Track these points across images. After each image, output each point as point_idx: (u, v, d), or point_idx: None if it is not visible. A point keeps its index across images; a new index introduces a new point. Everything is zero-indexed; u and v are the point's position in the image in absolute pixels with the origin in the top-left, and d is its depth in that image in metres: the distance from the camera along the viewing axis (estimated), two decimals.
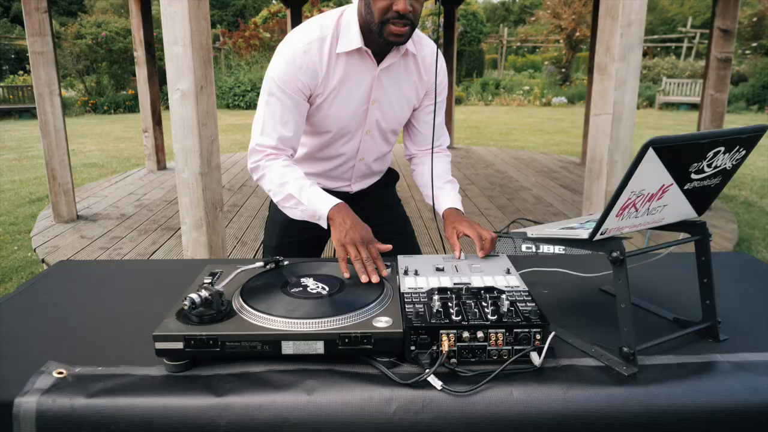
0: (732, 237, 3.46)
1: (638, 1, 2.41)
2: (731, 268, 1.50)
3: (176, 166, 2.46)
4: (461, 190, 4.81)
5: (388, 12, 1.27)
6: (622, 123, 2.49)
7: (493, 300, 1.05)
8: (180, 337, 0.96)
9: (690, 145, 0.92)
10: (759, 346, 1.06)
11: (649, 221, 1.04)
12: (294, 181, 1.35)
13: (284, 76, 1.35)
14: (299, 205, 1.35)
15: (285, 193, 1.36)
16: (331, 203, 1.31)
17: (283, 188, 1.36)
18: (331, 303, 1.06)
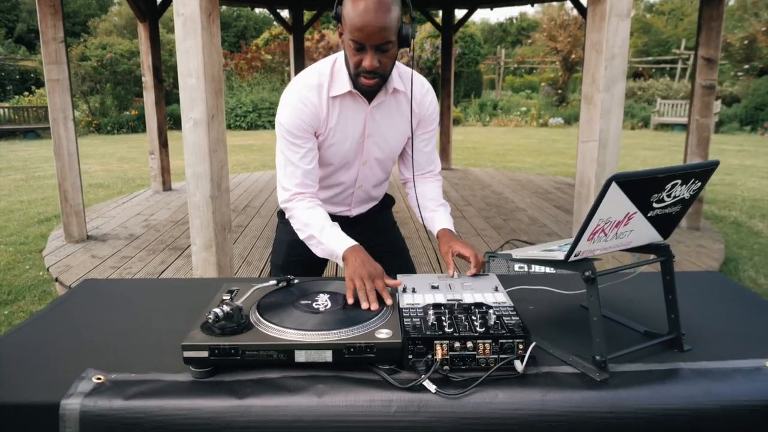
0: (718, 257, 3.60)
1: (621, 37, 2.58)
2: (703, 286, 1.64)
3: (188, 190, 2.61)
4: (457, 210, 4.96)
5: (359, 67, 1.42)
6: (608, 149, 2.65)
7: (481, 314, 1.18)
8: (205, 347, 1.09)
9: (649, 179, 1.07)
10: (719, 355, 1.19)
11: (618, 244, 1.18)
12: (315, 223, 1.51)
13: (291, 120, 1.52)
14: (320, 244, 1.51)
15: (308, 233, 1.53)
16: (346, 245, 1.45)
17: (307, 228, 1.53)
18: (338, 317, 1.20)
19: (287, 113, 1.52)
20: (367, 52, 1.39)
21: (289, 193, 1.57)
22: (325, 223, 1.52)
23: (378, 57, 1.40)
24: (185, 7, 2.45)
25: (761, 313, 1.43)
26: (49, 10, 3.83)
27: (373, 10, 1.34)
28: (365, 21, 1.34)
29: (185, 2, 2.44)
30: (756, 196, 6.48)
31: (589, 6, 2.65)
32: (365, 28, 1.35)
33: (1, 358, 1.20)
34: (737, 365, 1.15)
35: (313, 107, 1.52)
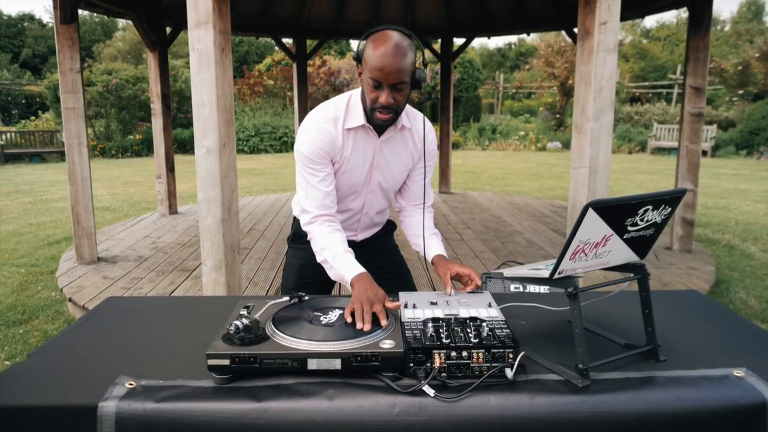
0: (709, 278, 3.72)
1: (608, 70, 2.74)
2: (684, 303, 1.77)
3: (200, 214, 2.74)
4: (456, 233, 5.10)
5: (376, 102, 1.59)
6: (598, 175, 2.79)
7: (475, 327, 1.31)
8: (227, 355, 1.21)
9: (622, 205, 1.20)
10: (691, 364, 1.31)
11: (598, 263, 1.31)
12: (330, 248, 1.66)
13: (310, 148, 1.67)
14: (332, 268, 1.66)
15: (323, 257, 1.68)
16: (355, 272, 1.59)
17: (323, 252, 1.68)
18: (346, 329, 1.32)
19: (307, 142, 1.68)
20: (384, 89, 1.56)
21: (311, 215, 1.71)
22: (339, 249, 1.65)
23: (393, 94, 1.58)
24: (200, 42, 2.61)
25: (733, 327, 1.56)
26: (67, 42, 4.02)
27: (392, 54, 1.52)
28: (384, 63, 1.52)
29: (200, 38, 2.61)
30: (749, 219, 6.61)
31: (578, 41, 2.82)
32: (384, 68, 1.52)
33: (41, 366, 1.32)
34: (707, 374, 1.27)
35: (330, 137, 1.68)
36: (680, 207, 4.30)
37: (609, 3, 2.70)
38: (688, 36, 4.25)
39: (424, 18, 7.26)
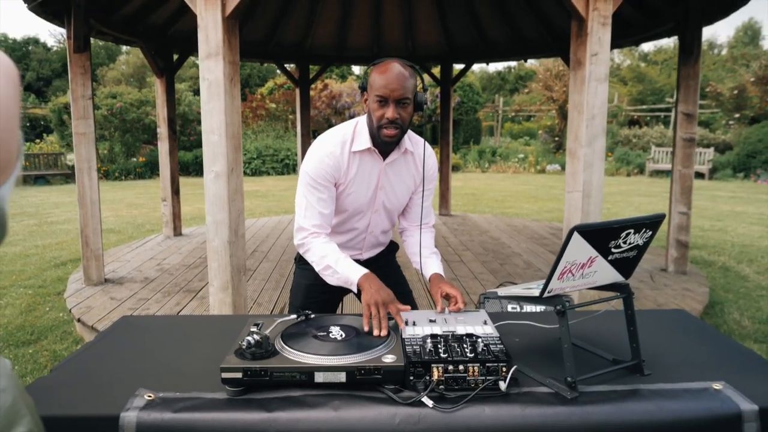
0: (702, 300, 3.80)
1: (599, 99, 2.87)
2: (670, 321, 1.86)
3: (207, 236, 2.85)
4: (456, 255, 5.19)
5: (383, 119, 1.72)
6: (592, 199, 2.90)
7: (471, 343, 1.40)
8: (239, 369, 1.30)
9: (606, 229, 1.31)
10: (673, 378, 1.40)
11: (585, 283, 1.41)
12: (331, 255, 1.75)
13: (316, 170, 1.78)
14: (335, 273, 1.74)
15: (324, 264, 1.76)
16: (361, 272, 1.69)
17: (323, 260, 1.76)
18: (350, 345, 1.42)
19: (313, 164, 1.79)
20: (389, 105, 1.70)
21: (307, 232, 1.81)
22: (340, 255, 1.76)
23: (398, 110, 1.71)
24: (210, 73, 2.75)
25: (714, 344, 1.65)
26: (79, 70, 4.17)
27: (395, 74, 1.69)
28: (389, 80, 1.68)
29: (210, 69, 2.75)
30: (745, 241, 6.70)
31: (571, 71, 2.96)
32: (389, 85, 1.68)
33: (63, 380, 1.41)
34: (688, 386, 1.36)
35: (336, 160, 1.79)
36: (674, 229, 4.40)
37: (599, 35, 2.84)
38: (679, 64, 4.40)
39: (425, 45, 7.45)
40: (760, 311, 4.09)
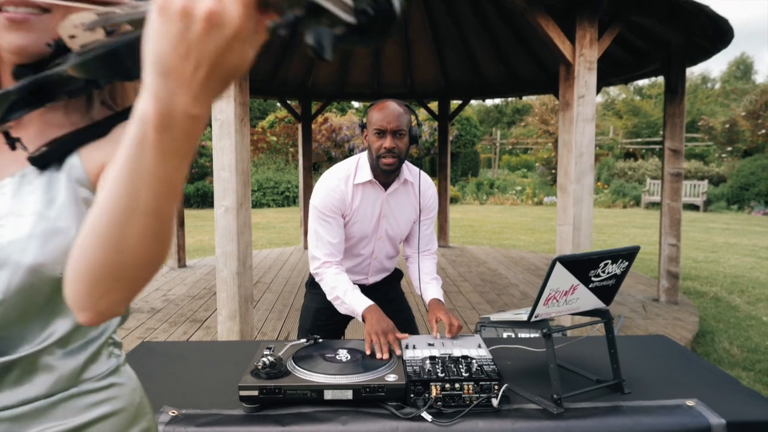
0: (692, 329, 3.92)
1: (587, 138, 3.06)
2: (652, 345, 2.00)
3: (217, 267, 2.99)
4: (454, 286, 5.32)
5: (381, 149, 1.90)
6: (581, 231, 3.06)
7: (466, 363, 1.54)
8: (256, 387, 1.44)
9: (585, 259, 1.46)
10: (651, 396, 1.54)
11: (569, 308, 1.56)
12: (341, 286, 1.91)
13: (323, 203, 1.95)
14: (344, 303, 1.90)
15: (334, 294, 1.92)
16: (365, 305, 1.84)
17: (334, 291, 1.92)
18: (356, 365, 1.55)
19: (320, 198, 1.97)
20: (387, 136, 1.89)
21: (320, 262, 1.97)
22: (348, 286, 1.91)
23: (395, 141, 1.90)
24: (222, 113, 2.94)
25: (689, 365, 1.78)
26: None
27: (391, 110, 1.90)
28: (385, 114, 1.89)
29: (222, 109, 2.94)
30: (737, 272, 6.84)
31: (560, 112, 3.16)
32: (386, 117, 1.88)
33: None
34: (663, 403, 1.49)
35: (341, 193, 1.96)
36: (665, 261, 4.55)
37: (586, 79, 3.04)
38: (665, 102, 4.62)
39: (423, 82, 7.72)
40: (749, 340, 4.21)
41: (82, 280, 0.56)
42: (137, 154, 0.48)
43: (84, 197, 0.71)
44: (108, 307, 0.58)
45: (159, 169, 0.48)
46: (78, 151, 0.72)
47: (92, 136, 0.73)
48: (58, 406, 0.72)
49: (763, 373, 3.60)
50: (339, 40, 0.39)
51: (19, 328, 0.69)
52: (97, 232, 0.53)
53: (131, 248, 0.53)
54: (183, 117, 0.44)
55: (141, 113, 0.45)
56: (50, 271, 0.66)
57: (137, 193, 0.50)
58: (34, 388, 0.70)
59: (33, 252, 0.65)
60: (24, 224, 0.66)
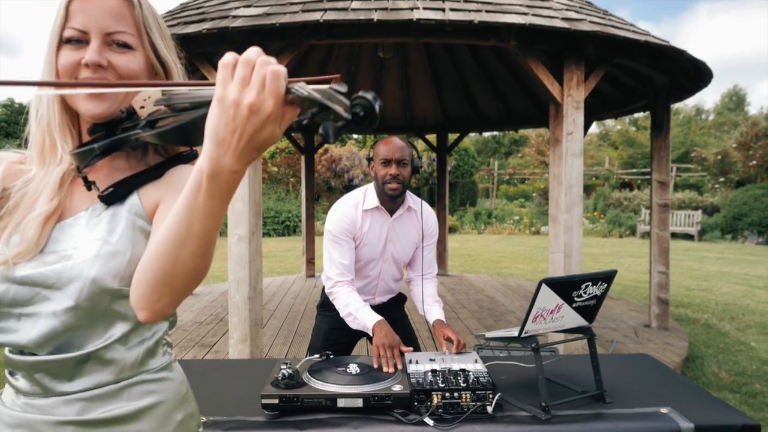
0: (681, 353, 4.08)
1: (576, 171, 3.28)
2: (635, 363, 2.18)
3: (229, 292, 3.18)
4: (453, 312, 5.48)
5: (387, 176, 2.15)
6: (572, 259, 3.26)
7: (464, 375, 1.72)
8: (276, 396, 1.62)
9: (568, 282, 1.66)
10: (630, 404, 1.71)
11: (555, 326, 1.75)
12: (353, 304, 2.10)
13: (336, 228, 2.17)
14: (356, 319, 2.09)
15: (347, 311, 2.11)
16: (375, 320, 2.03)
17: (347, 307, 2.11)
18: (366, 377, 1.73)
19: (333, 223, 2.19)
20: (392, 165, 2.14)
21: (333, 281, 2.18)
22: (360, 304, 2.11)
23: (399, 169, 2.14)
24: None
25: (667, 379, 1.96)
26: None
27: (395, 143, 2.17)
28: (390, 147, 2.16)
29: None
30: (728, 300, 7.01)
31: (551, 147, 3.39)
32: (391, 149, 2.15)
33: None
34: (640, 411, 1.67)
35: (351, 219, 2.18)
36: (655, 288, 4.74)
37: (574, 117, 3.28)
38: (651, 137, 4.86)
39: (422, 115, 8.01)
40: (737, 364, 4.37)
41: (144, 286, 0.76)
42: (194, 195, 0.67)
43: (141, 227, 0.92)
44: (161, 309, 0.77)
45: (207, 207, 0.67)
46: (137, 190, 0.93)
47: (148, 178, 0.95)
48: (123, 391, 0.92)
49: (749, 395, 3.75)
50: (340, 129, 0.60)
51: (89, 328, 0.88)
52: (160, 251, 0.73)
53: (183, 263, 0.73)
54: (227, 172, 0.63)
55: (199, 167, 0.65)
56: (109, 284, 0.86)
57: (192, 223, 0.69)
58: (104, 375, 0.90)
59: (97, 268, 0.85)
60: (92, 247, 0.87)
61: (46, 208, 0.86)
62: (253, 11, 3.12)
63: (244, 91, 0.60)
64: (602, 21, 3.41)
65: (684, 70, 3.99)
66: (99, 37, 0.87)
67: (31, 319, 0.85)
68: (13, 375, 0.89)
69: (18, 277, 0.85)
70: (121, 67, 0.89)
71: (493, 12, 3.08)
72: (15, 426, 0.87)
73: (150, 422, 0.94)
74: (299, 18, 2.93)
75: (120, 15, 0.89)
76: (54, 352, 0.86)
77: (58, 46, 0.87)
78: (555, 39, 3.21)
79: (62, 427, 0.87)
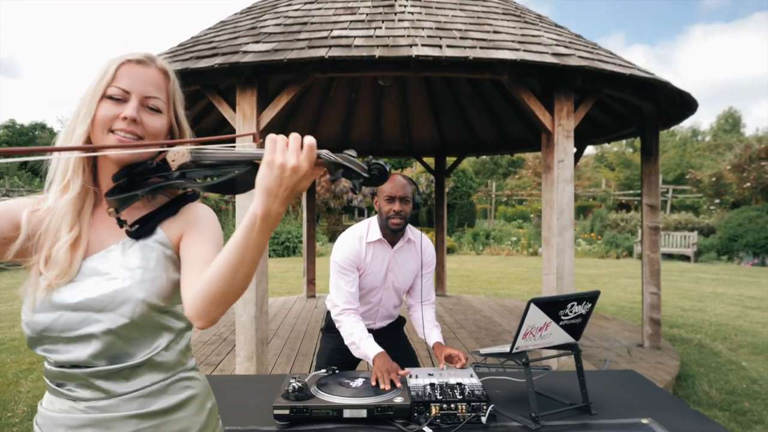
0: (672, 371, 4.21)
1: (567, 196, 3.45)
2: (620, 378, 2.32)
3: (236, 312, 3.32)
4: (451, 333, 5.61)
5: (390, 212, 2.31)
6: (564, 280, 3.41)
7: (460, 389, 1.87)
8: (287, 407, 1.76)
9: (554, 301, 1.81)
10: (613, 416, 1.85)
11: (544, 342, 1.89)
12: (357, 334, 2.24)
13: (343, 260, 2.32)
14: (358, 348, 2.23)
15: (351, 340, 2.25)
16: (376, 351, 2.17)
17: (351, 336, 2.25)
18: (369, 390, 1.88)
19: (340, 255, 2.34)
20: (396, 201, 2.31)
21: (339, 309, 2.32)
22: (363, 335, 2.25)
23: (402, 205, 2.31)
24: None
25: (649, 393, 2.11)
26: None
27: (399, 182, 2.34)
28: (394, 185, 2.32)
29: None
30: (722, 321, 7.14)
31: (543, 174, 3.56)
32: (394, 187, 2.31)
33: None
34: (623, 421, 1.81)
35: (356, 251, 2.34)
36: (647, 308, 4.88)
37: (564, 146, 3.47)
38: (641, 162, 5.05)
39: (420, 140, 8.22)
40: (728, 383, 4.50)
41: (203, 301, 0.95)
42: (248, 232, 0.88)
43: (169, 255, 1.11)
44: (215, 318, 0.97)
45: (258, 240, 0.89)
46: (160, 224, 1.12)
47: (166, 215, 1.14)
48: (168, 387, 1.10)
49: (739, 413, 3.88)
50: (361, 184, 0.85)
51: (140, 339, 1.06)
52: (219, 273, 0.92)
53: (237, 283, 0.93)
54: (275, 214, 0.87)
55: (253, 212, 0.86)
56: (156, 302, 1.06)
57: (246, 252, 0.90)
58: (155, 375, 1.09)
59: (145, 291, 1.04)
60: (135, 274, 1.05)
61: (70, 236, 1.04)
62: (262, 47, 3.32)
63: (287, 157, 0.83)
64: (590, 55, 3.62)
65: (669, 99, 4.19)
66: (138, 98, 1.07)
67: (82, 339, 1.02)
68: (63, 386, 1.05)
69: (71, 304, 1.01)
70: (149, 126, 1.08)
71: (487, 48, 3.29)
72: (81, 427, 1.03)
73: (189, 410, 1.13)
74: (305, 54, 3.13)
75: (158, 85, 1.10)
76: (111, 363, 1.03)
77: (100, 99, 1.05)
78: (545, 73, 3.41)
79: (127, 420, 1.03)
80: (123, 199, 1.04)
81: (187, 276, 1.04)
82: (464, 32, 3.56)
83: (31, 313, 1.01)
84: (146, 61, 1.10)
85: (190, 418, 1.13)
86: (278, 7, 4.27)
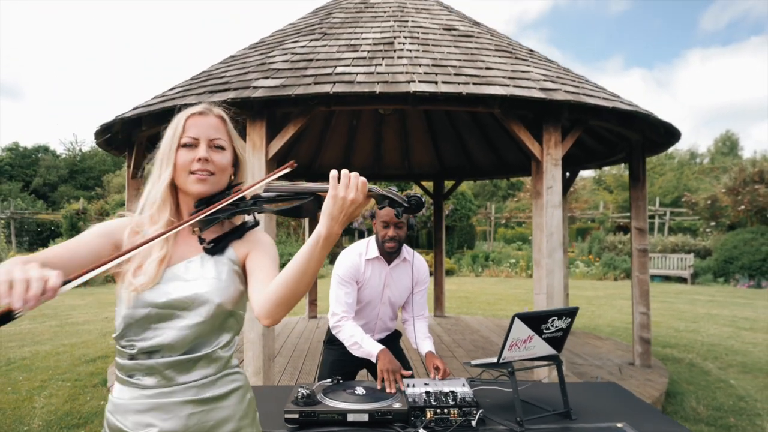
0: (660, 388, 4.38)
1: (556, 220, 3.68)
2: (602, 390, 2.52)
3: (245, 329, 3.52)
4: (449, 351, 5.78)
5: (386, 237, 2.53)
6: (554, 299, 3.62)
7: (453, 396, 2.07)
8: (297, 411, 1.96)
9: (537, 316, 2.02)
10: (592, 421, 2.05)
11: (528, 354, 2.10)
12: (358, 334, 2.46)
13: (343, 272, 2.54)
14: (361, 347, 2.43)
15: (353, 340, 2.45)
16: (379, 348, 2.38)
17: (352, 338, 2.46)
18: (370, 397, 2.08)
19: (341, 269, 2.57)
20: (390, 227, 2.53)
21: (339, 317, 2.53)
22: (364, 335, 2.46)
23: (396, 231, 2.53)
24: None
25: (627, 401, 2.31)
26: (133, 192, 5.02)
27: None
28: (389, 210, 2.51)
29: None
30: (714, 341, 7.31)
31: (533, 199, 3.79)
32: (388, 213, 2.53)
33: None
34: (600, 425, 2.01)
35: (356, 265, 2.57)
36: (637, 328, 5.07)
37: (552, 173, 3.70)
38: (630, 187, 5.29)
39: (419, 164, 8.48)
40: (715, 400, 4.67)
41: (272, 304, 1.19)
42: (313, 248, 1.14)
43: (236, 271, 1.35)
44: (280, 317, 1.22)
45: (319, 255, 1.14)
46: (230, 244, 1.35)
47: (235, 237, 1.39)
48: (219, 380, 1.34)
49: (724, 428, 4.05)
50: (402, 211, 1.18)
51: (207, 337, 1.31)
52: (287, 281, 1.17)
53: (300, 289, 1.18)
54: (334, 234, 1.13)
55: (318, 232, 1.12)
56: (227, 307, 1.30)
57: (309, 264, 1.15)
58: (211, 369, 1.32)
59: (220, 296, 1.29)
60: (211, 282, 1.29)
61: (160, 254, 1.28)
62: (271, 82, 3.58)
63: (347, 191, 1.10)
64: (575, 89, 3.88)
65: (654, 128, 4.44)
66: (206, 142, 1.34)
67: (165, 330, 1.26)
68: (133, 377, 1.28)
69: (159, 303, 1.26)
70: (218, 162, 1.35)
71: (479, 84, 3.55)
72: (147, 410, 1.26)
73: (234, 399, 1.36)
74: (312, 90, 3.39)
75: (218, 128, 1.37)
76: (186, 353, 1.27)
77: (177, 148, 1.32)
78: (534, 106, 3.66)
79: (184, 405, 1.26)
80: (208, 221, 1.30)
81: (255, 284, 1.29)
82: (458, 68, 3.82)
83: (128, 309, 1.24)
84: (206, 111, 1.37)
85: (234, 406, 1.35)
86: (285, 43, 4.56)
